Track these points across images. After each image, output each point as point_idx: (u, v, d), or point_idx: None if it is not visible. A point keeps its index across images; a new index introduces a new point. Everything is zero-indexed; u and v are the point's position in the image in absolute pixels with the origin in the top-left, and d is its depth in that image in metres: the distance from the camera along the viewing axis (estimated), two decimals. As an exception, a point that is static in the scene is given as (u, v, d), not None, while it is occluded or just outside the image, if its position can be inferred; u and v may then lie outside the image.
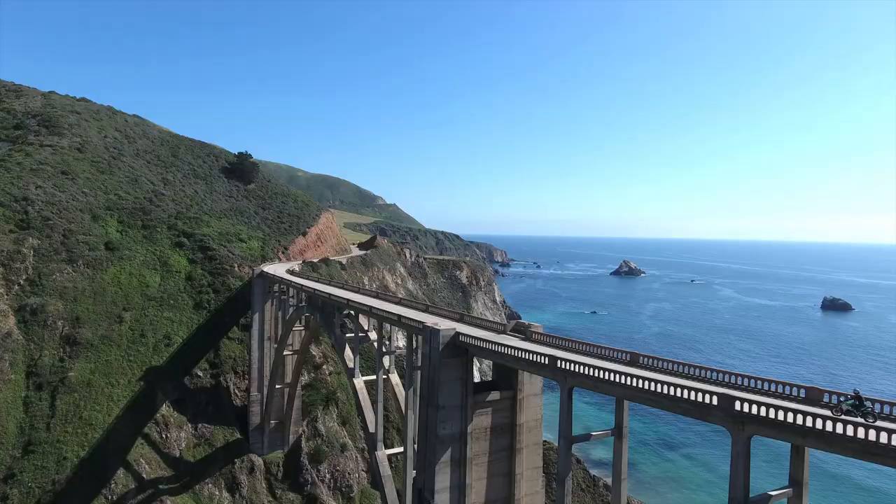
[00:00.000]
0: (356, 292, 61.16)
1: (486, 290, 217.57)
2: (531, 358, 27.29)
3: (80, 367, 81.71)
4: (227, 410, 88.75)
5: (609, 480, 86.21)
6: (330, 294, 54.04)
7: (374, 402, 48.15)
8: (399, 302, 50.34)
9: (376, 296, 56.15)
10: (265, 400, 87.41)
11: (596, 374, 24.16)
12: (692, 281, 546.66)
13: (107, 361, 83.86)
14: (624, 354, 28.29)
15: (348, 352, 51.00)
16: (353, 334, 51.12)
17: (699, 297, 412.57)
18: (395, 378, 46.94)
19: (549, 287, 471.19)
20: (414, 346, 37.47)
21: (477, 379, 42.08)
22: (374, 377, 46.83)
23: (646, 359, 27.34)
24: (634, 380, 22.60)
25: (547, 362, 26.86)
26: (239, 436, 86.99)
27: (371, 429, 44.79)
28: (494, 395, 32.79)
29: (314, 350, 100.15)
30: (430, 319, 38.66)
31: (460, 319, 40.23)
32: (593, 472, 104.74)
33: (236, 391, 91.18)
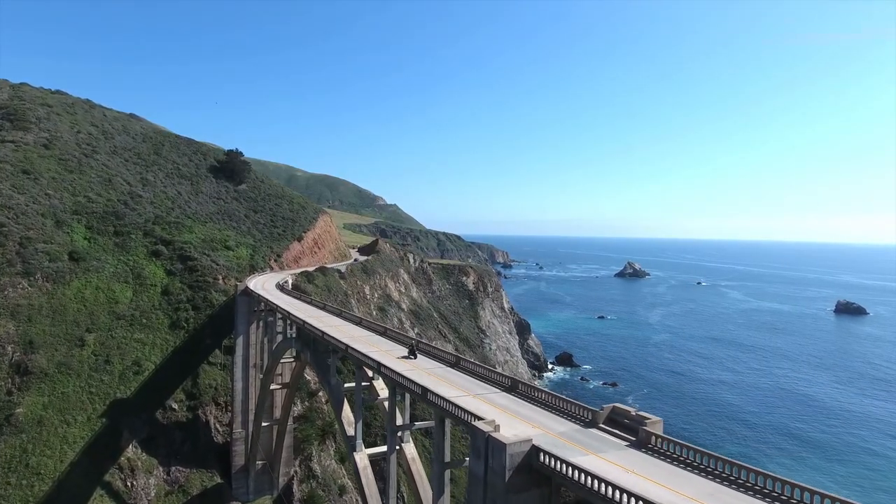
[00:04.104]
0: (357, 324, 48.54)
1: (494, 296, 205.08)
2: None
3: (31, 401, 69.07)
4: (206, 449, 76.15)
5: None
6: (323, 332, 41.28)
7: (379, 478, 35.85)
8: (415, 347, 37.66)
9: (384, 332, 43.61)
10: (250, 437, 74.91)
11: None
12: (698, 283, 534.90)
13: (63, 394, 71.21)
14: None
15: (347, 411, 38.42)
16: (353, 384, 38.70)
17: (708, 302, 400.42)
18: (410, 450, 34.50)
19: (552, 289, 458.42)
20: (444, 430, 25.03)
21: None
22: (383, 448, 34.60)
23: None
24: None
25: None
26: (220, 480, 74.47)
27: (379, 530, 32.42)
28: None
29: (308, 374, 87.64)
30: (465, 392, 26.01)
31: (512, 388, 27.33)
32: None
33: (217, 426, 78.60)
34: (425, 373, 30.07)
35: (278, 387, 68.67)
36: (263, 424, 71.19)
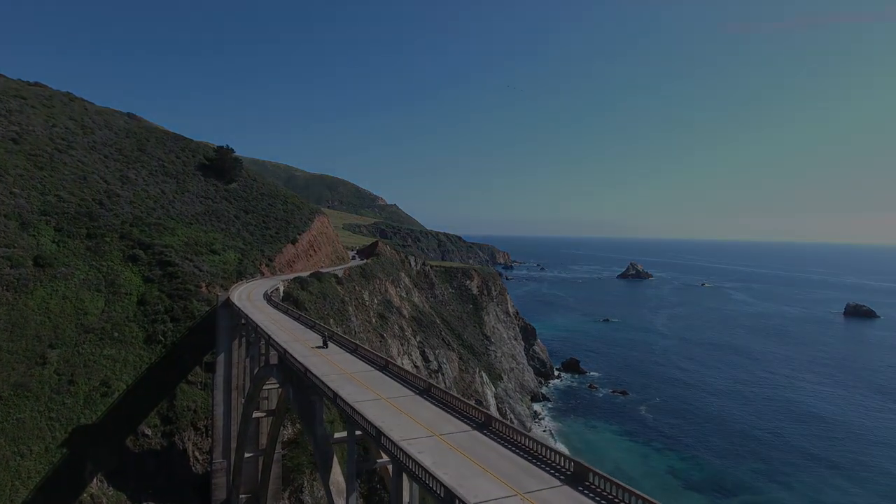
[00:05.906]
0: (352, 352, 39.73)
1: (499, 300, 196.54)
2: None
3: (-19, 429, 60.48)
4: (182, 481, 67.39)
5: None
6: (306, 369, 32.51)
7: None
8: (427, 390, 29.03)
9: (385, 366, 35.02)
10: (232, 468, 66.26)
11: None
12: (702, 284, 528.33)
13: (18, 421, 62.42)
14: None
15: (337, 472, 29.67)
16: (344, 434, 30.13)
17: (713, 304, 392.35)
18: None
19: (555, 291, 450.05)
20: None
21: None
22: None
23: None
24: None
25: None
26: (198, 516, 65.93)
27: None
28: None
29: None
30: (510, 487, 17.69)
31: (578, 479, 18.69)
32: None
33: (197, 454, 69.87)
34: (447, 443, 21.43)
35: (263, 414, 60.03)
36: (247, 455, 62.51)
